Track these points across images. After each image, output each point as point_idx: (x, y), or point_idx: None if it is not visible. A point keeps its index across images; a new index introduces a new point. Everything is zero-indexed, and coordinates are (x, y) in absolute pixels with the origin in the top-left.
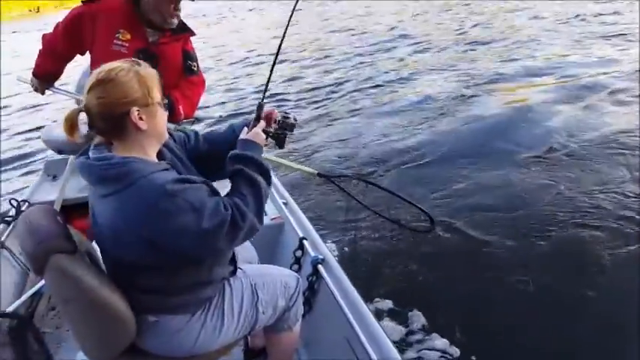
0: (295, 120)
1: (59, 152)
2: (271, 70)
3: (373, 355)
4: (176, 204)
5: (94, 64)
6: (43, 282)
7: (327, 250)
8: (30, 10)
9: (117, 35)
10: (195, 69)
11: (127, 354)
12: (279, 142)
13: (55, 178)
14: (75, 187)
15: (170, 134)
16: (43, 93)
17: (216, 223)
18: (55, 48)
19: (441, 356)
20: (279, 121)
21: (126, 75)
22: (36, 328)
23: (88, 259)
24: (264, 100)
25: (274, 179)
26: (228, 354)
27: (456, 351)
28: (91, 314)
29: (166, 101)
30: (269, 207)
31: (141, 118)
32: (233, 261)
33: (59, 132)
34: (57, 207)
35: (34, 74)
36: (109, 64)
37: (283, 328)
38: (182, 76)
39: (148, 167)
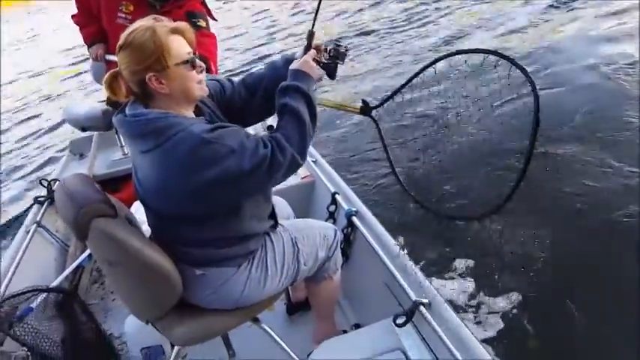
0: (347, 49)
1: (83, 130)
2: None
3: (414, 297)
4: (215, 150)
5: (108, 37)
6: (83, 256)
7: (360, 202)
8: None
9: (120, 7)
10: (203, 25)
11: (175, 309)
12: (330, 72)
13: (81, 156)
14: (102, 164)
15: None
16: (104, 60)
17: (256, 162)
18: (87, 14)
19: (479, 301)
20: (330, 50)
21: (141, 38)
22: (82, 300)
23: (129, 223)
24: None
25: None
26: (272, 309)
27: (496, 302)
28: (137, 275)
29: (192, 57)
30: None
31: (160, 83)
32: (273, 215)
33: (80, 110)
34: None
35: (88, 46)
36: (133, 24)
37: (324, 277)
38: None
39: (185, 121)
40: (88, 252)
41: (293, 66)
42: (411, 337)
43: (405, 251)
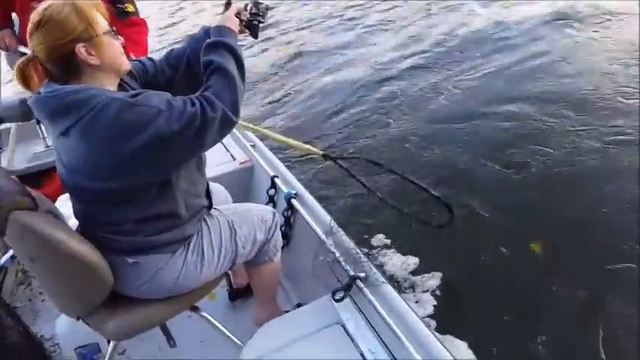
0: (267, 7)
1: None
2: None
3: (352, 273)
4: (141, 112)
5: (20, 24)
6: (5, 257)
7: (300, 185)
8: None
9: None
10: (132, 10)
11: (107, 303)
12: (253, 31)
13: None
14: (22, 157)
15: None
16: (14, 50)
17: (185, 121)
18: None
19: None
20: (250, 8)
21: (61, 12)
22: (6, 303)
23: (51, 216)
24: None
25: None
26: (214, 297)
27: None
28: (62, 269)
29: (114, 29)
30: (237, 152)
31: (90, 54)
32: (208, 195)
33: None
34: None
35: None
36: (43, 3)
37: (264, 260)
38: (117, 22)
39: (107, 92)
40: (11, 252)
41: (215, 24)
42: (349, 310)
43: (344, 230)
